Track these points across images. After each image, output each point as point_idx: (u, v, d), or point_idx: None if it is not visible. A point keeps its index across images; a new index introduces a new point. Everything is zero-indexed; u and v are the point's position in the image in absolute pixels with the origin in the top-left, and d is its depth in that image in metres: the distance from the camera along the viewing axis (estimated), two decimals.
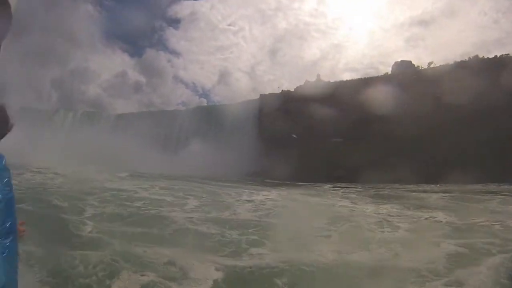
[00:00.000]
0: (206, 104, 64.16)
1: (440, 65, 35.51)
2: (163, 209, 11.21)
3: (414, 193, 19.22)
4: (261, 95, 46.57)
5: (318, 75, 44.31)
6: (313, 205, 15.47)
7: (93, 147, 34.39)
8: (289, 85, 46.32)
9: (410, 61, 40.65)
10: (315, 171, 29.11)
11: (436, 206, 13.86)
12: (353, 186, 24.14)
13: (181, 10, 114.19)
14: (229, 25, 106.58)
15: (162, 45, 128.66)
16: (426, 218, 11.42)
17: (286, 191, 19.31)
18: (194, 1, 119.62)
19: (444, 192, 18.69)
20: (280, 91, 45.57)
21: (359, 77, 40.04)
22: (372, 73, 45.80)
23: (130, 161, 31.02)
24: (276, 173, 31.59)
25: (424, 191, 20.07)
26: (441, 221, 10.69)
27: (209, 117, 45.83)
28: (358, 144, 30.55)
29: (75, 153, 29.24)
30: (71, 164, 22.23)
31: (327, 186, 24.39)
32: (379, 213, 12.23)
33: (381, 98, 29.78)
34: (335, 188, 23.17)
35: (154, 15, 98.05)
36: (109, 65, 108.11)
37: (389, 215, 11.80)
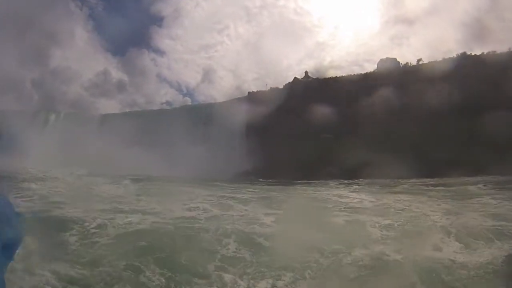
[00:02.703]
0: (190, 103, 63.91)
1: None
2: None
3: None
4: (249, 92, 46.61)
5: (306, 72, 44.43)
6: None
7: (81, 149, 33.54)
8: (274, 83, 46.42)
9: (395, 59, 41.13)
10: (309, 168, 29.34)
11: None
12: (359, 181, 24.39)
13: (165, 7, 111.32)
14: (214, 23, 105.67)
15: (145, 43, 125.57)
16: None
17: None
18: None
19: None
20: (269, 88, 45.88)
21: (344, 74, 40.75)
22: (357, 70, 46.35)
23: (119, 163, 30.29)
24: (267, 172, 31.73)
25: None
26: None
27: (196, 117, 45.67)
28: (350, 140, 30.89)
29: (64, 156, 28.45)
30: (68, 171, 21.55)
31: (332, 183, 24.34)
32: None
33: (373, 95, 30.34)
34: (351, 185, 22.67)
35: (137, 12, 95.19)
36: (91, 64, 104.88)
37: None
